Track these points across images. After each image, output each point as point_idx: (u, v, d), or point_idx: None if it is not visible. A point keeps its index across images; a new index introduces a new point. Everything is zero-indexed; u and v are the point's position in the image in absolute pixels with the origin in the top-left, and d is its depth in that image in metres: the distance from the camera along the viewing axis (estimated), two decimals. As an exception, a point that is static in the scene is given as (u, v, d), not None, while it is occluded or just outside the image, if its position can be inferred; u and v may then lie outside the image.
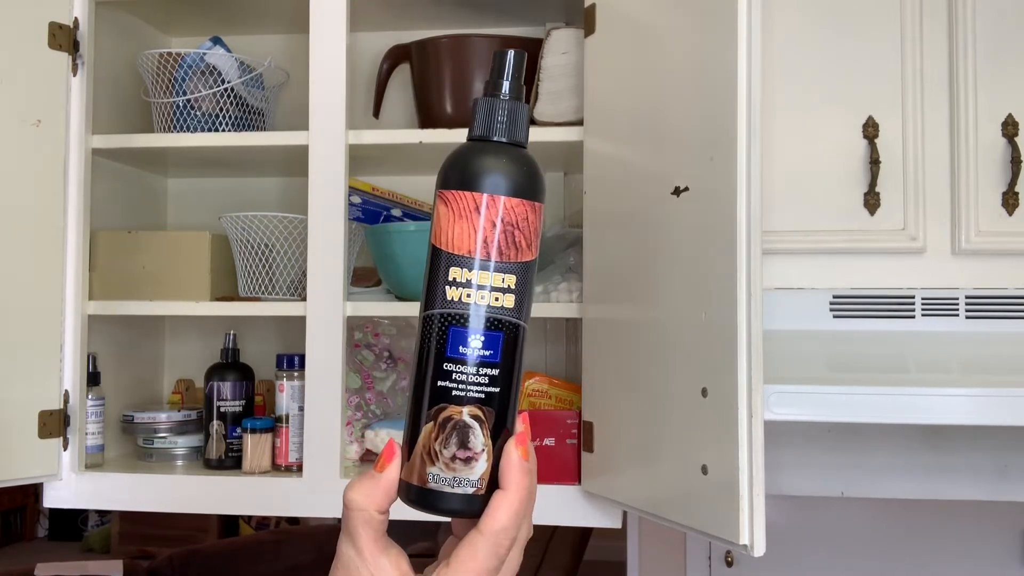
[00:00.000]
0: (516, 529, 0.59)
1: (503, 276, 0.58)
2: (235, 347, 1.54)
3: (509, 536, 0.59)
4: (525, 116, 0.60)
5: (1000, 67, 1.44)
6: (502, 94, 0.60)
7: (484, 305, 0.58)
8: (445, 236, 0.59)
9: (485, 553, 0.59)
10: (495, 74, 0.60)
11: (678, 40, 1.17)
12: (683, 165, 1.14)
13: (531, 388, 1.47)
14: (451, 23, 1.66)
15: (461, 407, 0.58)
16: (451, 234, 0.59)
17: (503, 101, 0.60)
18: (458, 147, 0.61)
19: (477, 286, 0.58)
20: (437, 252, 0.59)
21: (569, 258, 1.50)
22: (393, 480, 0.60)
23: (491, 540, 0.59)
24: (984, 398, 1.31)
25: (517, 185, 0.59)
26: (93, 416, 1.50)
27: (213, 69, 1.55)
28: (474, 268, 0.58)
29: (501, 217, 0.58)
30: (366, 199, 1.61)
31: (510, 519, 0.59)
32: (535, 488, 0.61)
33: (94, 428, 1.50)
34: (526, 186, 0.59)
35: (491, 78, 0.60)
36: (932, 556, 1.96)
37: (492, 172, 0.58)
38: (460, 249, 0.58)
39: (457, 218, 0.58)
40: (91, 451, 1.50)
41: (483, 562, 0.59)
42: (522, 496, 0.59)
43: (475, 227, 0.58)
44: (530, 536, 0.62)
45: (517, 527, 0.59)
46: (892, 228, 1.46)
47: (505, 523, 0.59)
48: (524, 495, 0.59)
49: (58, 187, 1.45)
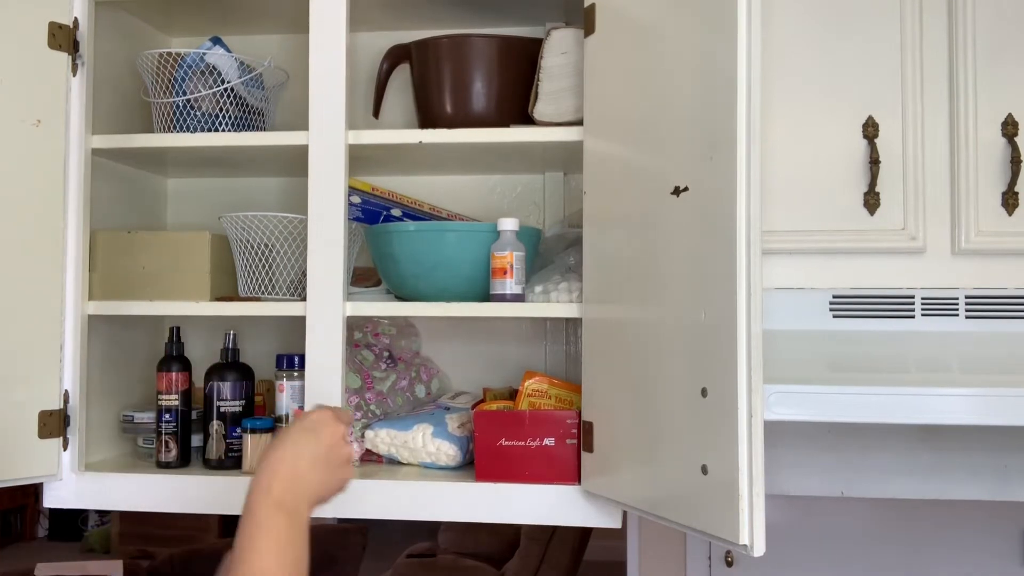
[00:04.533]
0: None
1: None
2: (235, 347, 1.54)
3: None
4: None
5: (1000, 67, 1.44)
6: None
7: None
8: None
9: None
10: None
11: (678, 40, 1.17)
12: (683, 165, 1.14)
13: (531, 388, 1.47)
14: (451, 23, 1.66)
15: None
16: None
17: None
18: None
19: None
20: None
21: (569, 258, 1.50)
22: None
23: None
24: (984, 398, 1.31)
25: None
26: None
27: (213, 69, 1.55)
28: None
29: None
30: (366, 199, 1.61)
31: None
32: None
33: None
34: None
35: None
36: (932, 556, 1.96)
37: None
38: None
39: None
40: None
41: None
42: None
43: None
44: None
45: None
46: (892, 228, 1.46)
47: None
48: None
49: (58, 187, 1.45)
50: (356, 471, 1.48)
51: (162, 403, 1.53)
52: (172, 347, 1.55)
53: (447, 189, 1.75)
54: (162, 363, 1.54)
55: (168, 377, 1.53)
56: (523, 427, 1.39)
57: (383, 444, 1.50)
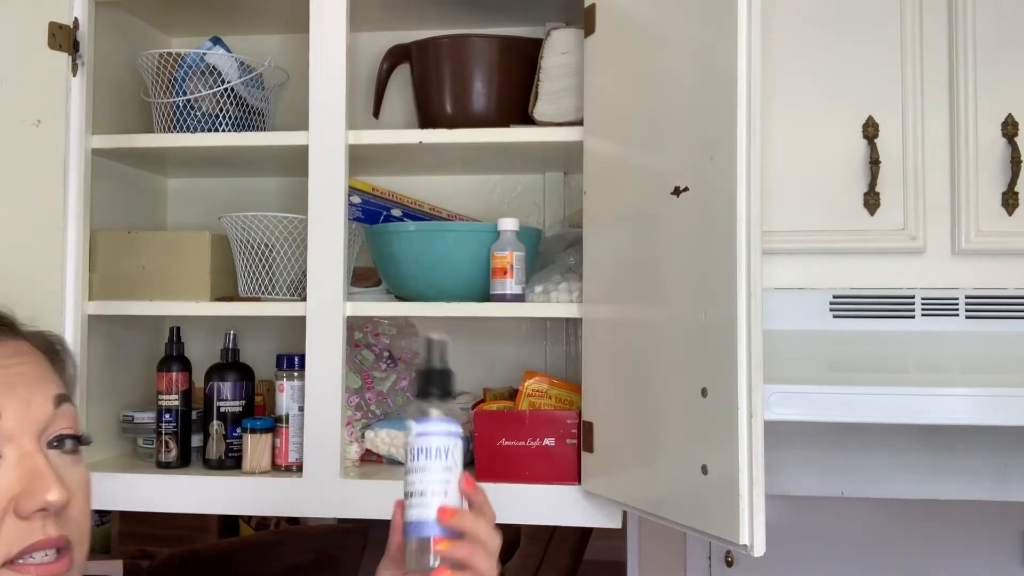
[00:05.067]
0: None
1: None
2: (235, 347, 1.54)
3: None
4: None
5: (1000, 67, 1.44)
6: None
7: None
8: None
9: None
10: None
11: (678, 40, 1.17)
12: (683, 165, 1.14)
13: (531, 388, 1.47)
14: (451, 23, 1.66)
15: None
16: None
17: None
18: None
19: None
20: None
21: (569, 258, 1.50)
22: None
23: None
24: (984, 398, 1.31)
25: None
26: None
27: (213, 69, 1.54)
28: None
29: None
30: (366, 199, 1.61)
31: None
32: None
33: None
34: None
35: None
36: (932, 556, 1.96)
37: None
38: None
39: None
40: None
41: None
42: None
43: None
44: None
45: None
46: (892, 228, 1.46)
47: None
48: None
49: (58, 187, 1.45)
50: (356, 471, 1.49)
51: (162, 403, 1.53)
52: (172, 347, 1.55)
53: (447, 189, 1.75)
54: (162, 363, 1.54)
55: (168, 377, 1.53)
56: (523, 427, 1.39)
57: (383, 444, 1.50)
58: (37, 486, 0.73)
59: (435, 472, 0.87)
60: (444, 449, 0.88)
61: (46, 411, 0.77)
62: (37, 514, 0.73)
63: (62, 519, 0.75)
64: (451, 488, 0.87)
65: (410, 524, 0.87)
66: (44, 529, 0.73)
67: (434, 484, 0.87)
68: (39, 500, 0.73)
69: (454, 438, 0.89)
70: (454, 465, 0.88)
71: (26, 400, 0.77)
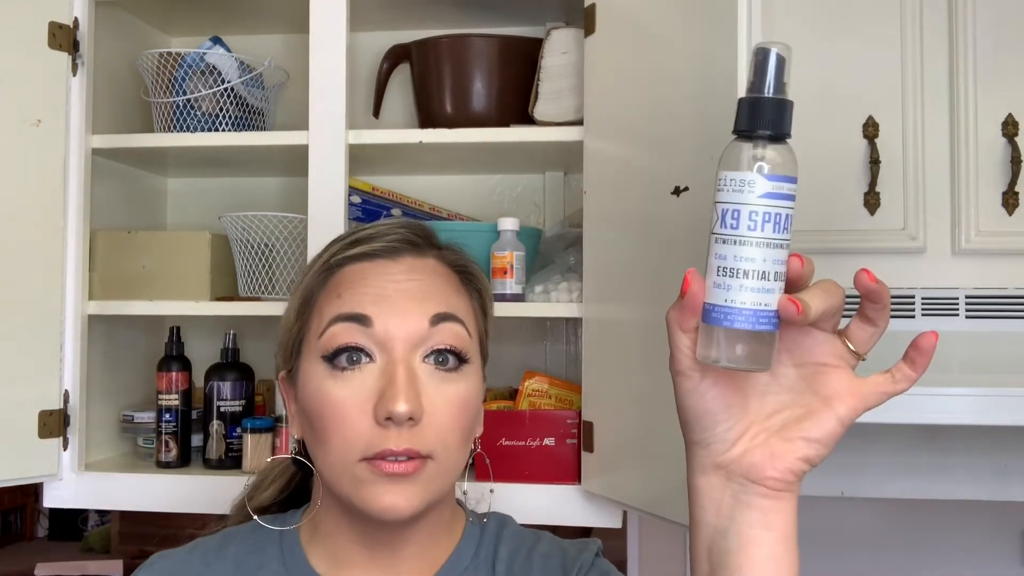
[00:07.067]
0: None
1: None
2: (235, 347, 1.54)
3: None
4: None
5: (1000, 67, 1.44)
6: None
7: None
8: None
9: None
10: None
11: (678, 40, 1.17)
12: (683, 165, 1.14)
13: (531, 388, 1.47)
14: (451, 23, 1.66)
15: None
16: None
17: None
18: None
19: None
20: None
21: (569, 258, 1.50)
22: (692, 299, 0.72)
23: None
24: (984, 398, 1.31)
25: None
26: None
27: (213, 69, 1.55)
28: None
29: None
30: (366, 199, 1.61)
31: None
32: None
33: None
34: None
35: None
36: (932, 556, 1.96)
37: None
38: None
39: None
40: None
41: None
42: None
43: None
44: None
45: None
46: (892, 228, 1.46)
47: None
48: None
49: (58, 187, 1.45)
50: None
51: (162, 403, 1.53)
52: (172, 347, 1.55)
53: (447, 189, 1.75)
54: (162, 363, 1.54)
55: (168, 377, 1.53)
56: (523, 427, 1.39)
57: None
58: (389, 395, 0.75)
59: (777, 249, 0.70)
60: (786, 218, 0.71)
61: (421, 326, 0.79)
62: (389, 422, 0.75)
63: (416, 432, 0.76)
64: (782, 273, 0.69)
65: (735, 311, 0.69)
66: (395, 438, 0.75)
67: (778, 265, 0.70)
68: (386, 409, 0.75)
69: (793, 202, 0.71)
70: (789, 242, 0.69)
71: (402, 311, 0.79)
